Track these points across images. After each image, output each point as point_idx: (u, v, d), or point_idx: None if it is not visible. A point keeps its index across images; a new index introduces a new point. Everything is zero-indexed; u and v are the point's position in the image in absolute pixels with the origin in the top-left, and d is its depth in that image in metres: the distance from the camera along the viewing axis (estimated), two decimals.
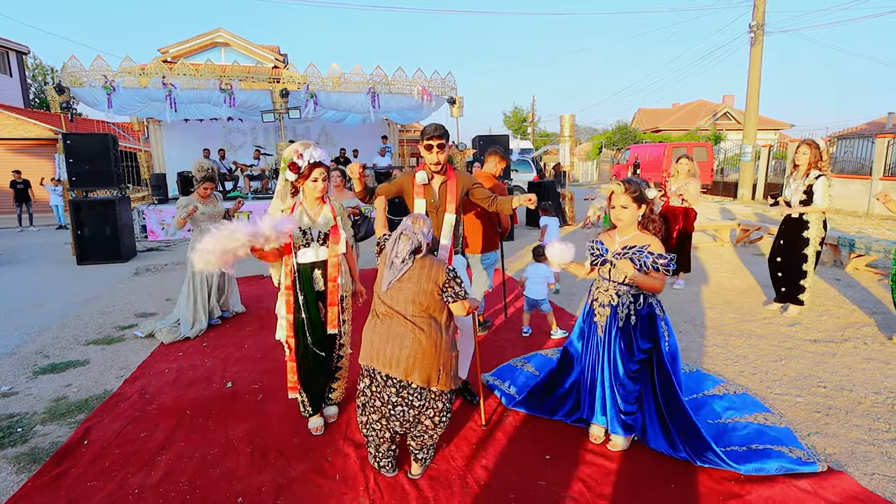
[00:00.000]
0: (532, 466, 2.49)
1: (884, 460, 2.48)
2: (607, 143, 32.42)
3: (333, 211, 2.79)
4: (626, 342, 2.52)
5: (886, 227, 10.21)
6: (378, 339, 2.27)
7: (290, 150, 2.63)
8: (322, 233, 2.72)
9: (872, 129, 15.55)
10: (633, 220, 2.49)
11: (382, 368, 2.24)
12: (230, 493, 2.34)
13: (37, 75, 30.95)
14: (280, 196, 2.72)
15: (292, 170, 2.60)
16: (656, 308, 2.53)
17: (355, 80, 10.50)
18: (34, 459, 2.64)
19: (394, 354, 2.22)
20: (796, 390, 3.23)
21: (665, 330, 2.52)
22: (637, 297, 2.50)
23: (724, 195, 18.13)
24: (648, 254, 2.40)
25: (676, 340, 2.60)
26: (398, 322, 2.25)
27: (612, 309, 2.54)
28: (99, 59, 9.14)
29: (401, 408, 2.27)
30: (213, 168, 4.71)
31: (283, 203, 2.71)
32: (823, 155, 4.34)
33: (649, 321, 2.51)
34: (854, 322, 4.50)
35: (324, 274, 2.74)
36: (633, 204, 2.46)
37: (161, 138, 14.19)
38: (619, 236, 2.54)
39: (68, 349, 4.30)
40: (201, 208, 4.55)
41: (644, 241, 2.46)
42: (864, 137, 13.35)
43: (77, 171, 8.17)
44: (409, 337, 2.22)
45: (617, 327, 2.52)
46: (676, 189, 5.62)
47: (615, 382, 2.54)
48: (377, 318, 2.33)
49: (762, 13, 15.13)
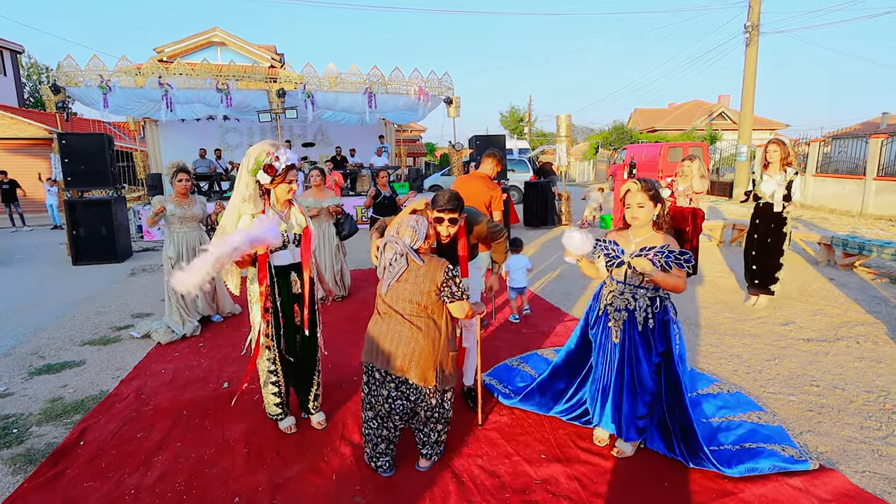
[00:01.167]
0: (528, 465, 2.50)
1: (875, 458, 2.50)
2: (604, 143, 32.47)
3: (302, 211, 2.75)
4: (645, 347, 2.46)
5: (880, 227, 10.28)
6: (377, 336, 2.33)
7: (259, 151, 2.48)
8: (296, 234, 2.68)
9: (867, 129, 15.62)
10: (649, 220, 2.44)
11: (381, 365, 2.30)
12: (226, 493, 2.34)
13: (31, 74, 30.77)
14: (249, 199, 2.51)
15: (268, 172, 2.45)
16: (671, 311, 2.48)
17: (352, 80, 10.49)
18: (30, 460, 2.64)
19: (391, 352, 2.28)
20: (789, 389, 3.26)
21: (677, 333, 2.48)
22: (654, 300, 2.44)
23: (719, 195, 18.20)
24: (669, 252, 2.35)
25: (685, 343, 2.58)
26: (397, 321, 2.30)
27: (628, 313, 2.47)
28: (95, 59, 9.10)
29: (400, 401, 2.35)
30: (181, 164, 4.53)
31: (255, 207, 2.53)
32: (791, 152, 4.75)
33: (663, 324, 2.45)
34: (847, 321, 4.54)
35: (299, 276, 2.70)
36: (650, 202, 2.41)
37: (157, 138, 14.14)
38: (635, 237, 2.48)
39: (64, 350, 4.29)
40: (171, 209, 4.43)
41: (663, 240, 2.41)
42: (857, 137, 13.42)
43: (72, 170, 8.14)
44: (407, 335, 2.27)
45: (637, 332, 2.46)
46: (684, 189, 5.60)
47: (639, 388, 2.48)
48: (378, 317, 2.38)
49: (757, 14, 15.20)
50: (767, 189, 4.75)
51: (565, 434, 2.77)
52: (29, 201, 15.97)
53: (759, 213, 4.91)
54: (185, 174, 4.47)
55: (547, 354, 3.73)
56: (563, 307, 5.16)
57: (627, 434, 2.53)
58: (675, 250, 2.37)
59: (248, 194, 2.52)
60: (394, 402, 2.35)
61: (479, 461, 2.55)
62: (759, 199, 4.88)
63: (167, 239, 4.55)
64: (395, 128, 16.04)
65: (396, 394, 2.34)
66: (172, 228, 4.52)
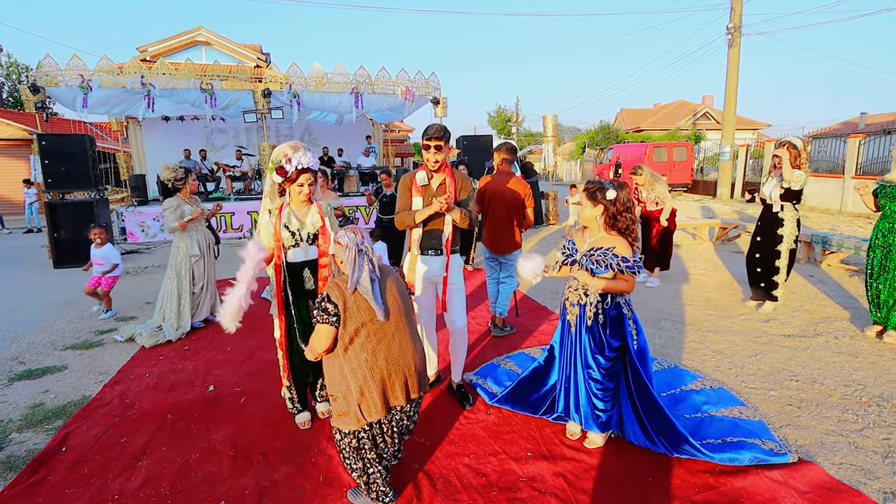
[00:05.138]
0: (514, 463, 2.52)
1: (851, 450, 2.57)
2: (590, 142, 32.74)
3: (321, 211, 2.81)
4: (595, 340, 2.55)
5: (858, 225, 10.51)
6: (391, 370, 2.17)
7: (279, 152, 2.63)
8: (311, 234, 2.77)
9: (846, 129, 15.98)
10: (591, 219, 2.53)
11: (402, 400, 2.17)
12: (212, 497, 2.33)
13: (10, 73, 30.09)
14: (269, 195, 2.78)
15: (279, 173, 2.63)
16: (624, 308, 2.55)
17: (338, 80, 10.44)
18: (10, 468, 2.60)
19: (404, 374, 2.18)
20: (770, 384, 3.33)
21: (633, 329, 2.55)
22: (605, 297, 2.53)
23: (703, 194, 18.47)
24: (613, 255, 2.44)
25: (646, 338, 2.65)
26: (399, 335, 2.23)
27: (580, 308, 2.57)
28: (75, 59, 8.94)
29: (404, 422, 2.26)
30: (181, 165, 4.74)
31: (272, 203, 2.76)
32: (802, 154, 4.42)
33: (618, 321, 2.54)
34: (826, 317, 4.64)
35: (314, 273, 2.78)
36: (588, 202, 2.49)
37: (141, 139, 13.93)
38: (589, 237, 2.58)
39: (45, 355, 4.22)
40: (188, 209, 4.54)
41: (610, 242, 2.48)
42: (837, 137, 13.72)
43: (53, 172, 7.99)
44: (408, 346, 2.22)
45: (586, 326, 2.56)
46: (646, 196, 5.77)
47: (589, 380, 2.58)
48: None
49: (739, 16, 15.45)
50: (767, 190, 4.65)
51: (551, 432, 2.79)
52: (7, 203, 15.64)
53: (762, 215, 4.74)
54: (191, 173, 4.71)
55: (533, 353, 3.76)
56: (551, 306, 5.21)
57: (587, 424, 2.61)
58: (619, 255, 2.43)
59: (269, 190, 2.76)
60: (399, 423, 2.24)
61: (466, 460, 2.56)
62: (765, 201, 4.71)
63: (184, 238, 4.57)
64: (382, 128, 16.00)
65: (401, 416, 2.23)
66: (189, 226, 4.57)
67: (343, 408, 2.09)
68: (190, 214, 4.51)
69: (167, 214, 4.46)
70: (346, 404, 2.08)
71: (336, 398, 2.11)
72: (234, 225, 10.56)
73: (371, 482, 2.18)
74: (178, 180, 4.53)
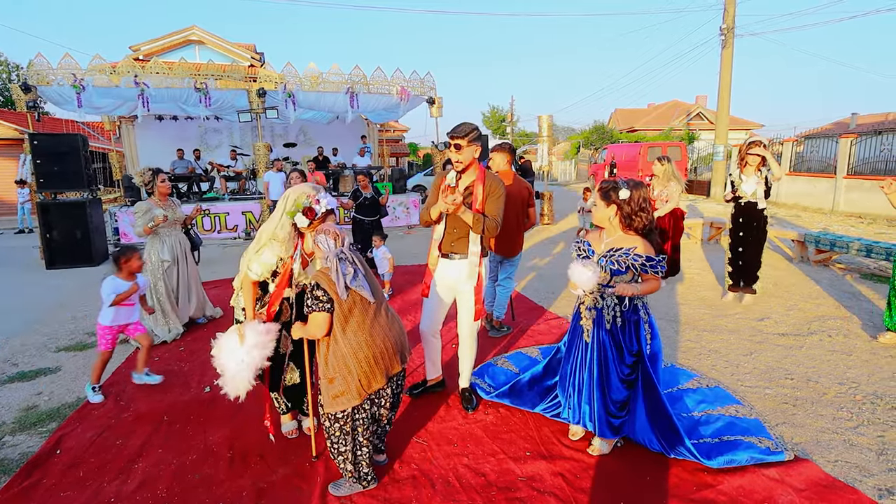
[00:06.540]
0: (513, 463, 2.53)
1: (846, 448, 2.59)
2: (585, 142, 32.85)
3: None
4: (616, 346, 2.48)
5: (850, 224, 10.61)
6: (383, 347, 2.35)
7: (300, 194, 2.48)
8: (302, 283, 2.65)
9: (838, 129, 16.13)
10: (605, 219, 2.47)
11: (395, 369, 2.35)
12: (210, 499, 2.31)
13: (1, 73, 29.77)
14: (281, 241, 2.50)
15: (307, 215, 2.44)
16: (641, 311, 2.49)
17: (333, 79, 10.42)
18: (4, 471, 2.57)
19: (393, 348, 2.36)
20: (765, 382, 3.35)
21: (648, 332, 2.49)
22: (622, 300, 2.45)
23: (697, 193, 18.57)
24: (636, 256, 2.36)
25: (661, 342, 2.58)
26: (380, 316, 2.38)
27: (597, 312, 2.50)
28: (67, 58, 8.87)
29: (398, 390, 2.43)
30: (154, 167, 4.51)
31: (285, 250, 2.51)
32: (769, 153, 4.85)
33: (634, 324, 2.47)
34: (820, 315, 4.68)
35: None
36: (602, 202, 2.44)
37: (134, 138, 13.83)
38: (606, 237, 2.50)
39: (38, 356, 4.18)
40: (160, 212, 4.36)
41: (630, 243, 2.40)
42: (828, 137, 13.83)
43: (45, 172, 7.91)
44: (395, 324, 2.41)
45: (605, 331, 2.48)
46: (658, 193, 5.67)
47: (607, 388, 2.50)
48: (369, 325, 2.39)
49: (732, 17, 15.54)
50: (748, 189, 4.83)
51: (550, 431, 2.80)
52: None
53: (741, 211, 4.93)
54: (164, 174, 4.52)
55: (530, 352, 3.77)
56: (546, 305, 5.22)
57: (602, 431, 2.54)
58: (643, 255, 2.35)
59: (283, 236, 2.51)
60: (395, 394, 2.42)
61: (465, 460, 2.56)
62: (739, 199, 4.91)
63: (156, 242, 4.45)
64: (377, 127, 15.97)
65: (396, 384, 2.40)
66: (161, 231, 4.46)
67: (342, 387, 2.18)
68: (156, 219, 4.32)
69: (136, 218, 4.34)
70: (345, 383, 2.18)
71: (333, 379, 2.20)
72: (228, 225, 10.51)
73: (358, 462, 2.28)
74: (146, 184, 4.41)
